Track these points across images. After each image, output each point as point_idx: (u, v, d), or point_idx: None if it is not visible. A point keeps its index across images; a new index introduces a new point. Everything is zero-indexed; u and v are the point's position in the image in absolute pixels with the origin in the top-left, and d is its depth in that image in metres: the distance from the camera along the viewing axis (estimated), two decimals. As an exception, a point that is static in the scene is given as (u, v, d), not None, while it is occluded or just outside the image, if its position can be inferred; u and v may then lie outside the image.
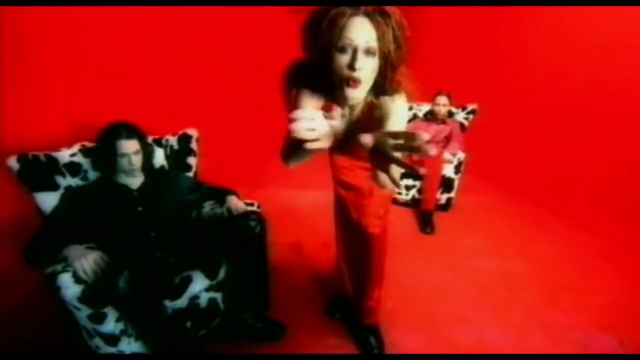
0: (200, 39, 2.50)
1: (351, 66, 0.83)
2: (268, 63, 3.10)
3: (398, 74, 0.92)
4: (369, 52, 0.83)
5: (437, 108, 2.67)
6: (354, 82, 0.86)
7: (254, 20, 3.09)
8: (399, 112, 0.95)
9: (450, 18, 3.79)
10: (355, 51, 0.82)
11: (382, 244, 1.28)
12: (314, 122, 0.63)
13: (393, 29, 0.82)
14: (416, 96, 0.98)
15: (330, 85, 0.93)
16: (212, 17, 2.57)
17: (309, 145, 0.65)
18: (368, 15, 0.81)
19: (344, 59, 0.84)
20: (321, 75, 0.91)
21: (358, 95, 0.91)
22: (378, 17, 0.81)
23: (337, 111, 1.00)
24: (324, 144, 0.68)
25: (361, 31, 0.81)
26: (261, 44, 3.24)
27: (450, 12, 3.70)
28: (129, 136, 1.29)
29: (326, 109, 0.99)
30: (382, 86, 0.93)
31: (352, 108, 1.01)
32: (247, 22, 3.03)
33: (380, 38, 0.82)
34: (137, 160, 1.32)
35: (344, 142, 1.12)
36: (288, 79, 1.04)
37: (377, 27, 0.81)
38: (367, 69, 0.85)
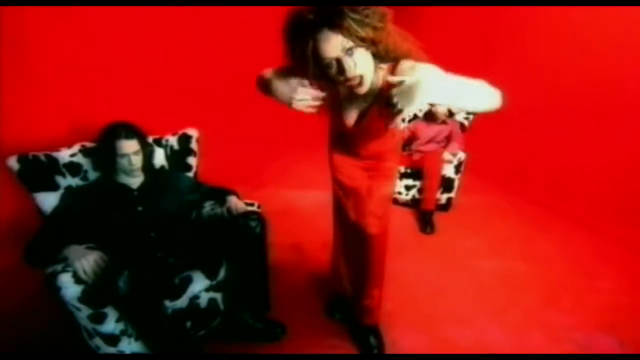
0: (200, 39, 2.50)
1: (342, 74, 0.87)
2: (268, 63, 3.10)
3: (387, 36, 0.90)
4: (349, 51, 0.85)
5: (433, 109, 2.66)
6: (354, 82, 0.89)
7: (253, 20, 3.09)
8: (426, 78, 0.80)
9: (449, 18, 3.79)
10: (338, 61, 0.85)
11: (381, 244, 1.28)
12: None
13: (351, 19, 0.81)
14: (417, 53, 0.96)
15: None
16: (212, 17, 2.57)
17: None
18: (326, 24, 0.81)
19: (332, 70, 0.88)
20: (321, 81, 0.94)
21: (365, 88, 0.94)
22: (335, 19, 0.80)
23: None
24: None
25: (331, 45, 0.83)
26: (261, 44, 3.24)
27: (450, 12, 3.70)
28: (129, 136, 1.29)
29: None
30: (384, 53, 0.93)
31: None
32: (247, 22, 3.03)
33: (349, 35, 0.82)
34: (137, 160, 1.32)
35: (360, 121, 1.10)
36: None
37: (341, 28, 0.81)
38: (357, 63, 0.87)
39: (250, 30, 3.11)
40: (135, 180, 1.38)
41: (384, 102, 0.99)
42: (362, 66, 0.88)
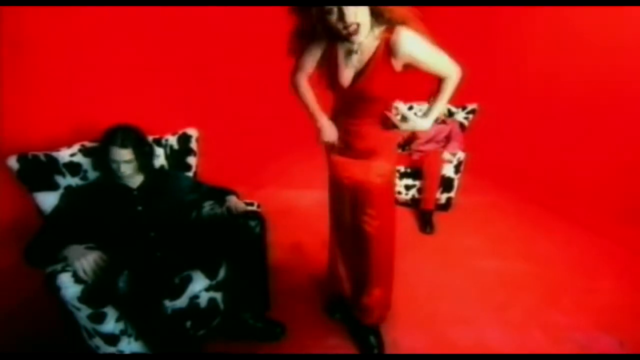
0: (200, 39, 2.50)
1: (342, 19, 0.94)
2: (268, 63, 3.11)
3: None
4: None
5: None
6: (352, 29, 0.97)
7: (253, 20, 3.09)
8: (414, 44, 1.03)
9: (449, 18, 3.79)
10: (339, 8, 0.93)
11: (381, 243, 1.28)
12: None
13: None
14: (413, 19, 1.04)
15: (332, 34, 1.05)
16: (213, 17, 2.57)
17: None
18: None
19: (333, 17, 0.95)
20: (321, 33, 1.05)
21: (362, 37, 1.01)
22: None
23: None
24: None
25: None
26: (261, 45, 3.24)
27: (450, 12, 3.70)
28: (124, 145, 1.26)
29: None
30: (380, 11, 1.01)
31: (361, 43, 1.07)
32: (247, 22, 3.03)
33: None
34: (126, 168, 1.29)
35: (356, 82, 1.13)
36: (295, 42, 1.16)
37: None
38: (357, 13, 0.95)
39: (251, 31, 3.11)
40: (135, 180, 1.38)
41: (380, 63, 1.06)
42: (360, 15, 0.96)
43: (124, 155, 1.27)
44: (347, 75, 1.13)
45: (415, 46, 1.03)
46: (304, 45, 1.16)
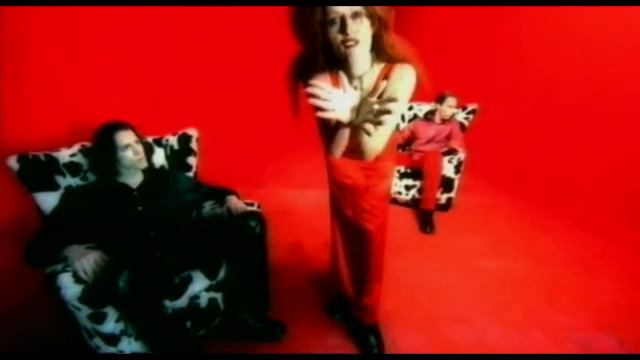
0: (200, 39, 2.50)
1: (343, 31, 0.91)
2: (268, 63, 3.11)
3: (388, 34, 0.98)
4: (356, 15, 0.91)
5: (449, 110, 2.65)
6: (351, 43, 0.94)
7: (254, 20, 3.09)
8: (402, 81, 1.00)
9: (450, 18, 3.79)
10: (343, 19, 0.90)
11: (379, 240, 1.29)
12: (329, 95, 0.79)
13: None
14: (415, 58, 1.02)
15: (335, 63, 1.01)
16: (212, 17, 2.57)
17: (323, 114, 0.79)
18: None
19: (335, 29, 0.92)
20: (322, 58, 0.99)
21: (360, 54, 0.99)
22: None
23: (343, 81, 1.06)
24: (342, 116, 0.84)
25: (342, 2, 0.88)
26: (261, 44, 3.25)
27: (450, 12, 3.70)
28: (125, 127, 1.32)
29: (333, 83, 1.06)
30: (382, 47, 1.00)
31: (361, 80, 1.05)
32: (247, 22, 3.03)
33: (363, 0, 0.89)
34: (140, 149, 1.33)
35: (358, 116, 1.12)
36: (294, 74, 1.10)
37: None
38: (359, 30, 0.93)
39: (251, 31, 3.11)
40: (135, 180, 1.38)
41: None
42: (362, 34, 0.94)
43: (131, 136, 1.31)
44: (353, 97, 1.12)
45: (406, 87, 1.00)
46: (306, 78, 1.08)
